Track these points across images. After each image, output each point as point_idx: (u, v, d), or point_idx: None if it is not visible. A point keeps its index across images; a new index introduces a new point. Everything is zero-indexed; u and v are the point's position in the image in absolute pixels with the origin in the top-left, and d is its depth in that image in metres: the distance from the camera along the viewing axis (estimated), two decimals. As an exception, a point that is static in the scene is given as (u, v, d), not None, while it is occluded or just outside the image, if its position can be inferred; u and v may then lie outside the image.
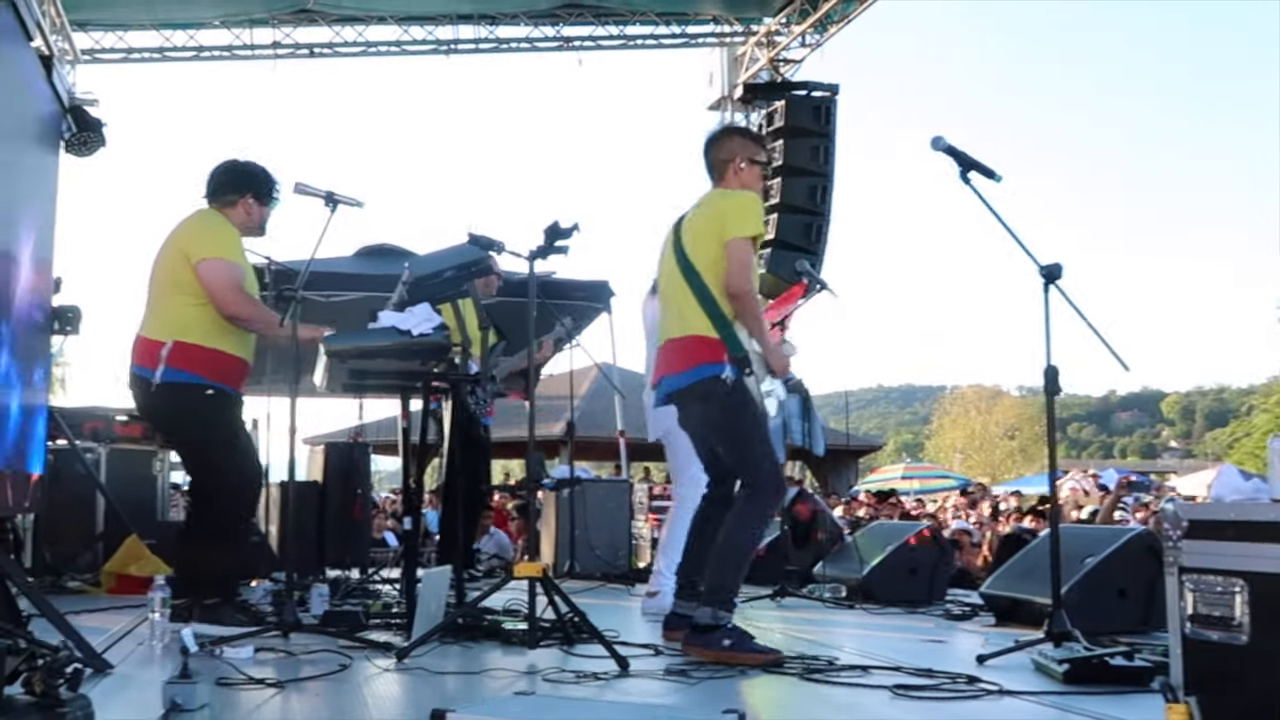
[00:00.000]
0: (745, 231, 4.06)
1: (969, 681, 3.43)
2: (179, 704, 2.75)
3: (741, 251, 4.04)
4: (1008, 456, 51.42)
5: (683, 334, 4.15)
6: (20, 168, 5.72)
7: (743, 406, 4.03)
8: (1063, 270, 4.27)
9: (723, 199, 4.25)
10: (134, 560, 6.09)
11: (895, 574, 6.21)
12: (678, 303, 4.19)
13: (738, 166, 4.30)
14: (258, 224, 4.81)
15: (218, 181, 4.77)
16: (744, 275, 4.03)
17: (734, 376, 4.01)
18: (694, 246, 4.17)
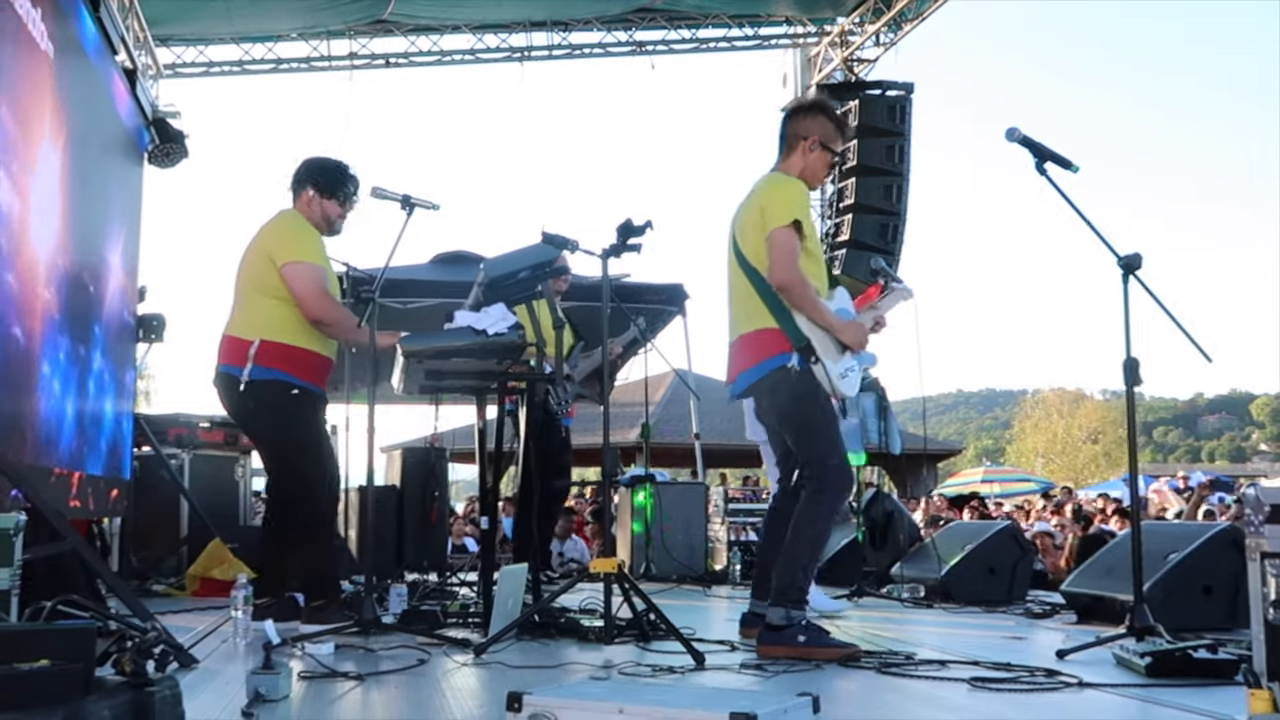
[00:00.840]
0: (784, 219, 3.98)
1: (1048, 675, 3.40)
2: (263, 694, 2.82)
3: (783, 241, 3.97)
4: (1091, 461, 50.40)
5: (749, 329, 4.13)
6: (107, 178, 5.93)
7: (807, 396, 3.97)
8: (1142, 260, 4.19)
9: (768, 185, 4.17)
10: (217, 564, 6.22)
11: (974, 573, 6.14)
12: (740, 296, 4.17)
13: (809, 147, 4.21)
14: (321, 219, 4.87)
15: (292, 178, 4.91)
16: (786, 264, 3.95)
17: (800, 366, 3.95)
18: (744, 239, 4.14)
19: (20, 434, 4.52)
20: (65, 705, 1.53)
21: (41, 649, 1.61)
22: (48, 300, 4.93)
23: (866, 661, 3.70)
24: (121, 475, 6.34)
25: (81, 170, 5.30)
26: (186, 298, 54.16)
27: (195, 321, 7.35)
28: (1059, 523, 11.74)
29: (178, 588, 6.35)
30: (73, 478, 5.25)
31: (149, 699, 1.72)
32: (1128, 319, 4.17)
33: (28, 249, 4.57)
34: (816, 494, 4.01)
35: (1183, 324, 4.14)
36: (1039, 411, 58.21)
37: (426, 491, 7.42)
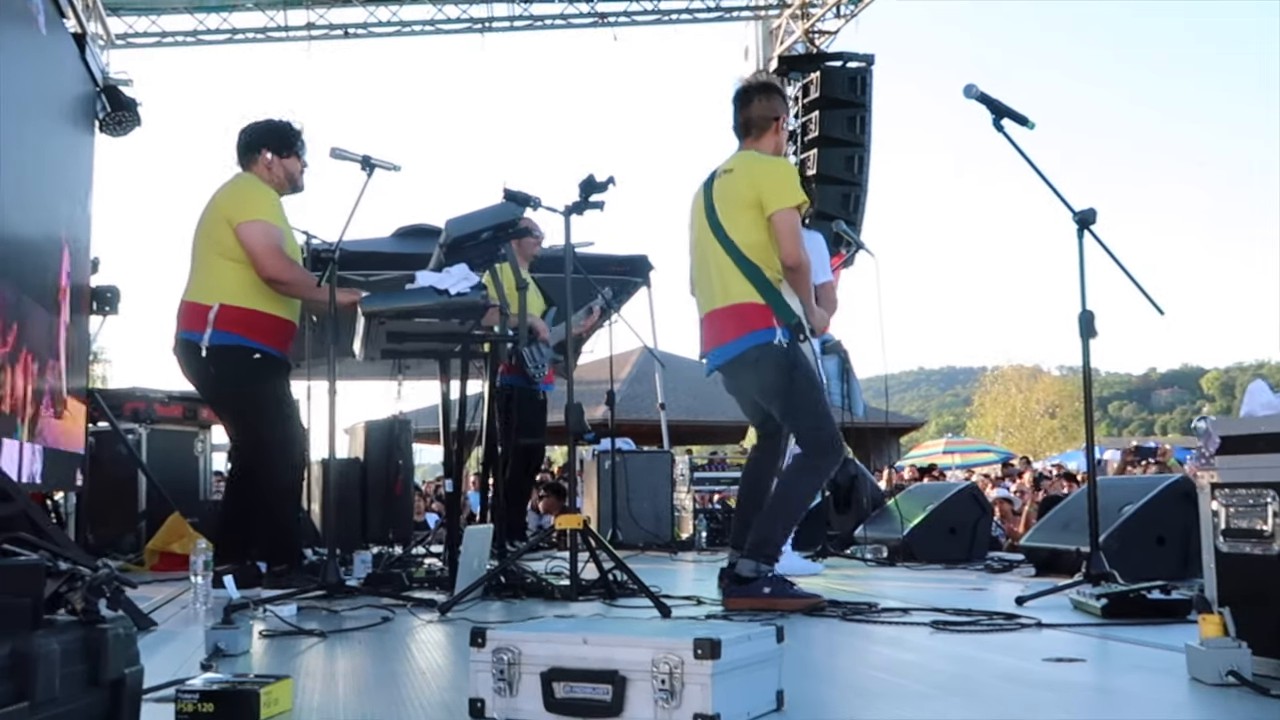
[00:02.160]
0: (789, 201, 4.01)
1: (1007, 618, 3.46)
2: (222, 649, 2.79)
3: (791, 223, 3.99)
4: (1048, 434, 51.01)
5: (727, 303, 4.10)
6: (56, 145, 5.84)
7: (798, 368, 3.99)
8: (1096, 216, 4.25)
9: (757, 164, 4.17)
10: (177, 538, 6.14)
11: (935, 533, 6.23)
12: (719, 271, 4.13)
13: (780, 126, 4.27)
14: (283, 179, 4.83)
15: (239, 144, 4.86)
16: (797, 246, 3.98)
17: (787, 340, 3.98)
18: (727, 212, 4.11)
19: None
20: (12, 640, 1.51)
21: (-14, 586, 1.58)
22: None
23: (831, 611, 3.75)
24: (75, 450, 6.26)
25: (29, 137, 5.22)
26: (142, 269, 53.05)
27: (151, 294, 7.27)
28: (1018, 489, 11.89)
29: (136, 563, 6.26)
30: (22, 450, 5.20)
31: (101, 635, 1.70)
32: (1083, 273, 4.23)
33: None
34: (809, 460, 4.05)
35: (1135, 277, 4.20)
36: (998, 387, 58.75)
37: (390, 463, 7.40)
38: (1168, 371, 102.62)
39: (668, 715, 1.84)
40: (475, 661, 2.00)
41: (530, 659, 1.96)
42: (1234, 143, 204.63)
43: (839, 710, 2.17)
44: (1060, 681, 2.44)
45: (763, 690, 2.02)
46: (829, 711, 2.14)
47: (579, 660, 1.92)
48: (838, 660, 2.93)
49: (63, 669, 1.58)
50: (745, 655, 1.94)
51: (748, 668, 1.95)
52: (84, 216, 6.48)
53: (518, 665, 1.96)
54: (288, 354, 4.81)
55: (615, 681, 1.87)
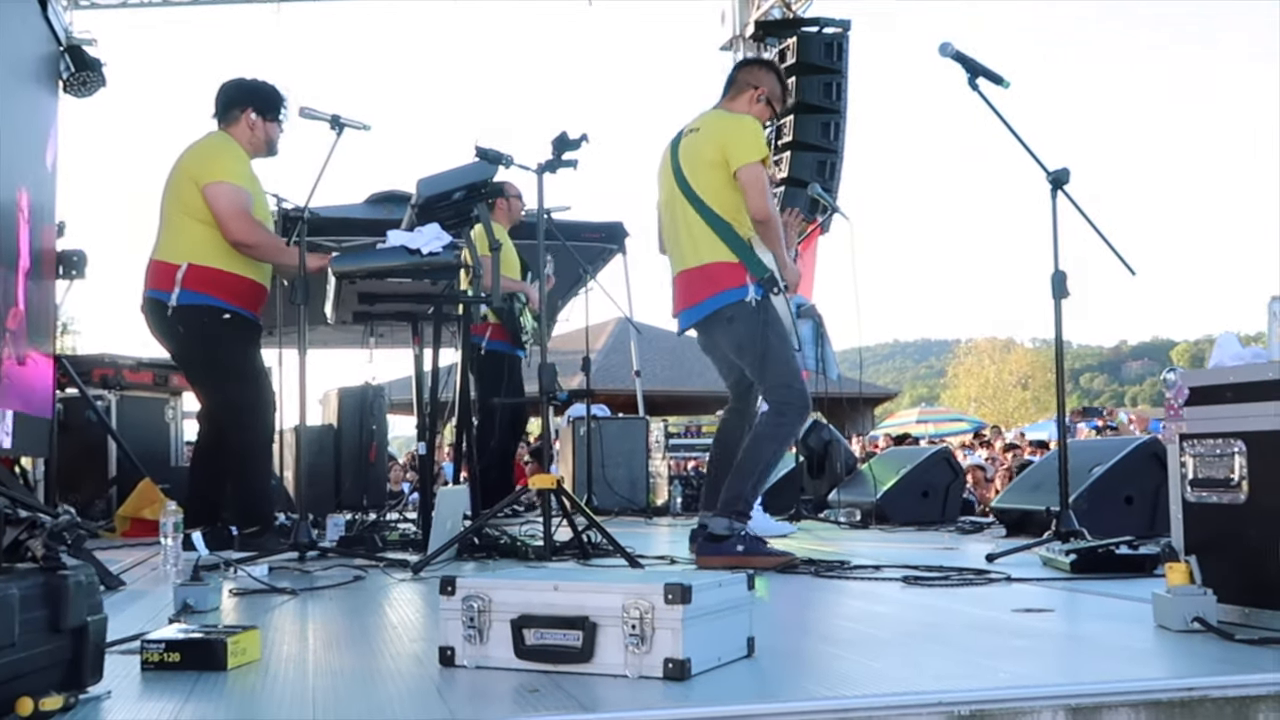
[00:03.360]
0: (753, 156, 4.03)
1: (978, 574, 3.49)
2: (191, 605, 2.77)
3: (756, 177, 4.02)
4: (1020, 405, 51.40)
5: (699, 262, 4.11)
6: (16, 105, 5.74)
7: (768, 325, 4.00)
8: (1069, 175, 4.26)
9: (721, 122, 4.20)
10: (148, 504, 6.09)
11: (908, 496, 6.27)
12: (688, 231, 4.14)
13: (756, 97, 4.29)
14: (263, 142, 4.75)
15: (221, 99, 4.76)
16: (765, 199, 4.01)
17: (759, 296, 4.00)
18: (694, 172, 4.12)
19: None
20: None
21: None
22: None
23: (803, 569, 3.77)
24: (43, 415, 6.19)
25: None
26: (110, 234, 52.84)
27: (119, 259, 7.19)
28: (989, 456, 11.97)
29: (107, 530, 6.22)
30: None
31: (62, 582, 1.68)
32: (1056, 233, 4.24)
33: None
34: (777, 417, 4.04)
35: (1106, 236, 4.22)
36: (971, 359, 59.14)
37: (364, 429, 7.37)
38: (1138, 344, 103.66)
39: (638, 660, 1.83)
40: (445, 610, 2.00)
41: (500, 606, 1.95)
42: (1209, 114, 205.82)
43: (811, 658, 2.18)
44: (1029, 629, 2.45)
45: (734, 636, 2.03)
46: (800, 659, 2.15)
47: (549, 607, 1.92)
48: (810, 613, 2.95)
49: (23, 614, 1.56)
50: (716, 601, 1.94)
51: (718, 613, 1.95)
52: (47, 178, 6.39)
53: (488, 613, 1.96)
54: (259, 316, 4.76)
55: (586, 627, 1.87)
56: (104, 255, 7.81)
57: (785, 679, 1.95)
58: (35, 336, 6.00)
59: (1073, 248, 4.29)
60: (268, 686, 1.89)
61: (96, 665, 1.76)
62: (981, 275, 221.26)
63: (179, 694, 1.79)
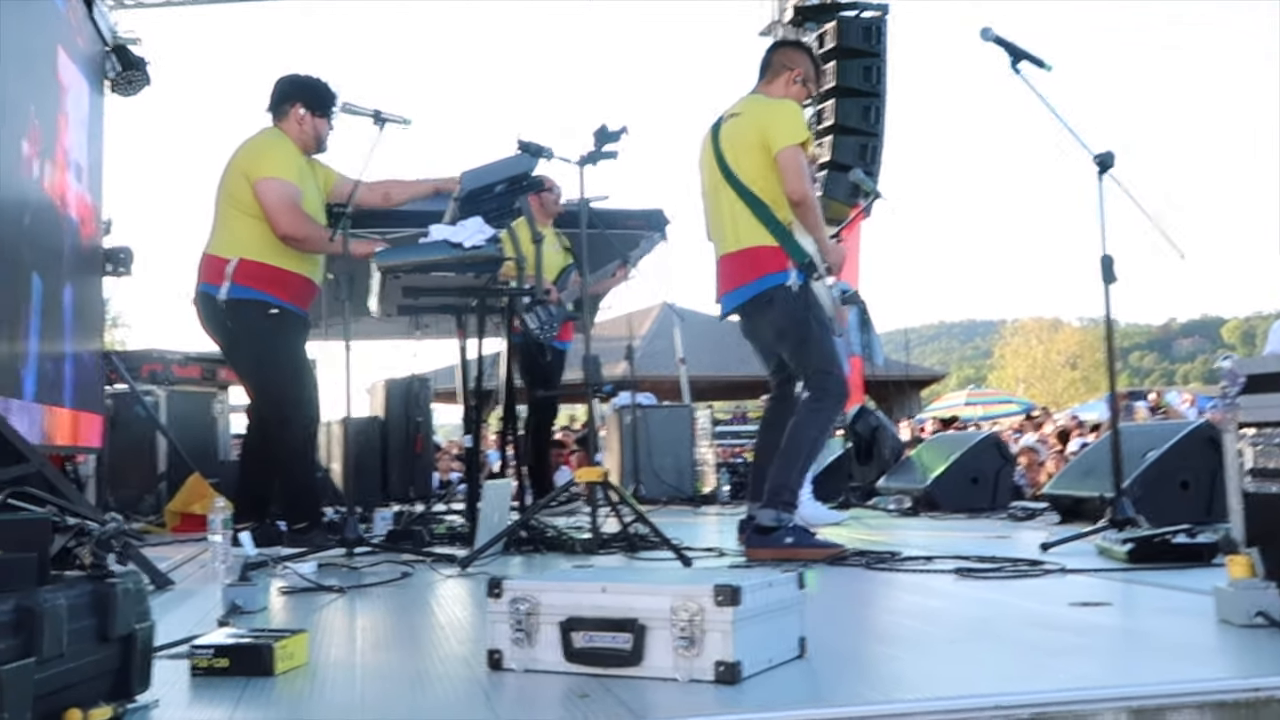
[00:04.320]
0: (793, 139, 4.02)
1: (1032, 564, 3.42)
2: (239, 606, 2.79)
3: (795, 159, 4.00)
4: (1069, 385, 50.78)
5: (739, 247, 4.11)
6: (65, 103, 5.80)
7: (808, 309, 4.01)
8: (1114, 158, 4.18)
9: (761, 106, 4.19)
10: (197, 499, 6.13)
11: (958, 483, 6.20)
12: (730, 214, 4.14)
13: (793, 79, 4.28)
14: (312, 137, 4.80)
15: (274, 94, 4.82)
16: (802, 181, 4.00)
17: (800, 281, 3.99)
18: (736, 157, 4.12)
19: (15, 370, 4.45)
20: (17, 595, 1.49)
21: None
22: (12, 233, 4.85)
23: (853, 561, 3.73)
24: (93, 411, 6.27)
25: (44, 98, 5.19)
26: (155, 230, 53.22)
27: (164, 254, 7.26)
28: (1039, 438, 11.81)
29: (157, 525, 6.27)
30: (40, 412, 5.20)
31: (110, 590, 1.67)
32: (1102, 216, 4.15)
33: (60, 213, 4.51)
34: (816, 403, 4.01)
35: (1155, 218, 4.13)
36: (1018, 339, 58.56)
37: (410, 421, 7.40)
38: (1188, 321, 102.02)
39: (688, 663, 1.81)
40: (492, 612, 1.98)
41: (548, 609, 1.93)
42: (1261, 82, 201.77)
43: (864, 657, 2.14)
44: (1087, 625, 2.40)
45: (785, 637, 1.99)
46: (853, 659, 2.11)
47: (597, 609, 1.90)
48: (861, 608, 2.91)
49: (70, 624, 1.56)
50: (766, 602, 1.91)
51: (769, 614, 1.92)
52: (97, 177, 6.46)
53: (536, 615, 1.94)
54: (308, 312, 4.79)
55: (635, 630, 1.85)
56: (150, 252, 7.91)
57: (838, 681, 1.91)
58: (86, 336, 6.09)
59: (1119, 225, 4.20)
60: (316, 692, 1.88)
61: (144, 674, 1.76)
62: (1026, 255, 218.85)
63: (228, 701, 1.79)
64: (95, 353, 6.38)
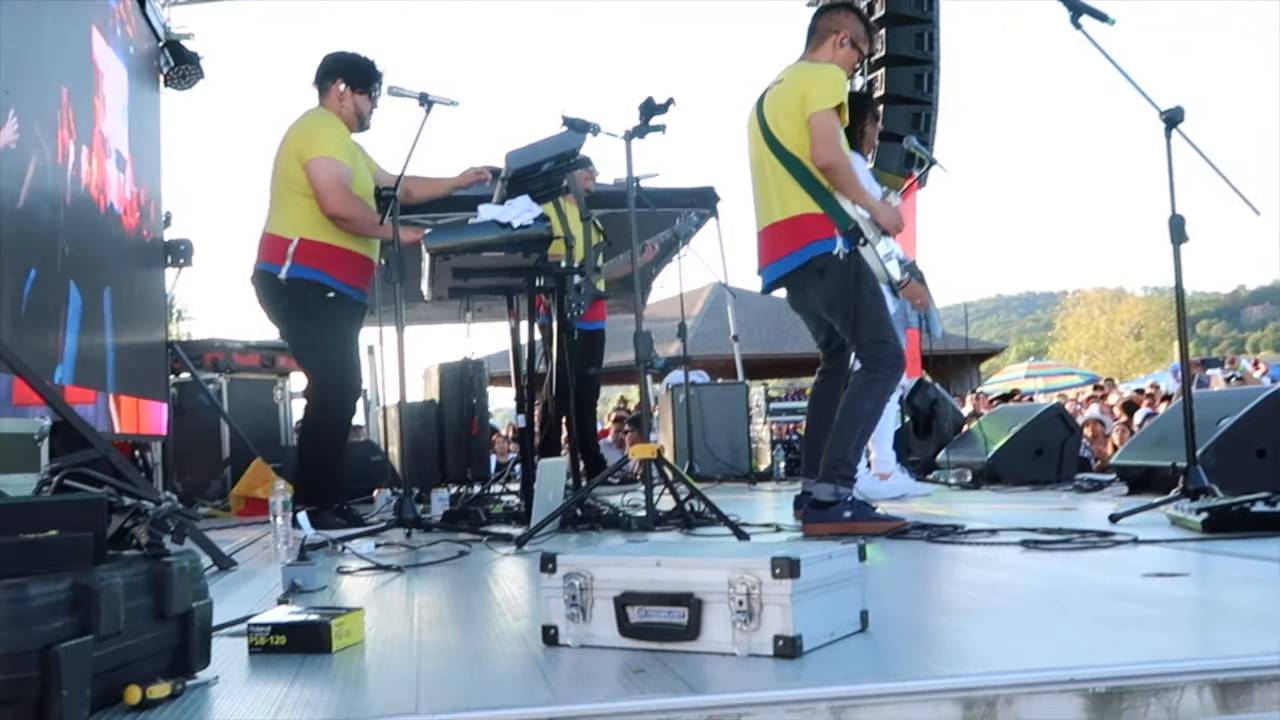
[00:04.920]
0: (828, 103, 3.93)
1: (1101, 536, 3.33)
2: (299, 585, 2.79)
3: (825, 124, 3.92)
4: (1134, 356, 49.91)
5: (785, 215, 4.05)
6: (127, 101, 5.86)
7: (859, 279, 3.92)
8: (1184, 114, 4.04)
9: (804, 72, 4.12)
10: (260, 483, 6.19)
11: (1021, 455, 6.08)
12: (775, 184, 4.08)
13: (839, 42, 4.19)
14: (353, 114, 4.84)
15: (318, 71, 4.87)
16: (829, 147, 3.91)
17: (847, 249, 3.91)
18: (778, 124, 4.06)
19: (53, 358, 4.52)
20: (74, 574, 1.48)
21: (51, 520, 1.55)
22: (78, 225, 4.91)
23: (915, 534, 3.65)
24: (158, 399, 6.35)
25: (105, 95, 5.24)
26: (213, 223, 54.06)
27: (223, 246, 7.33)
28: (1104, 410, 11.60)
29: (222, 509, 6.38)
30: (108, 400, 5.27)
31: (166, 569, 1.67)
32: (1171, 176, 4.03)
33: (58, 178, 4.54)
34: (871, 374, 3.95)
35: (1227, 176, 4.00)
36: (1080, 309, 57.64)
37: (465, 403, 7.41)
38: (1257, 288, 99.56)
39: (746, 638, 1.76)
40: (546, 588, 1.95)
41: (603, 584, 1.89)
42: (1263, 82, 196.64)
43: (928, 630, 2.08)
44: (1162, 596, 2.31)
45: (846, 610, 1.94)
46: (917, 632, 2.05)
47: (652, 584, 1.86)
48: (925, 581, 2.84)
49: (127, 602, 1.55)
50: (826, 575, 1.86)
51: (829, 587, 1.87)
52: (154, 171, 6.53)
53: (590, 590, 1.90)
54: (366, 291, 4.81)
55: (691, 604, 1.80)
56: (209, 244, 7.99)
57: (902, 655, 1.86)
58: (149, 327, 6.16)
59: (1182, 192, 4.07)
60: (372, 669, 1.86)
61: (203, 651, 1.76)
62: (1087, 224, 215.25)
63: (285, 677, 1.77)
64: (157, 343, 6.47)
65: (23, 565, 1.45)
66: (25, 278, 4.23)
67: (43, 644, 1.38)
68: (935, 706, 1.53)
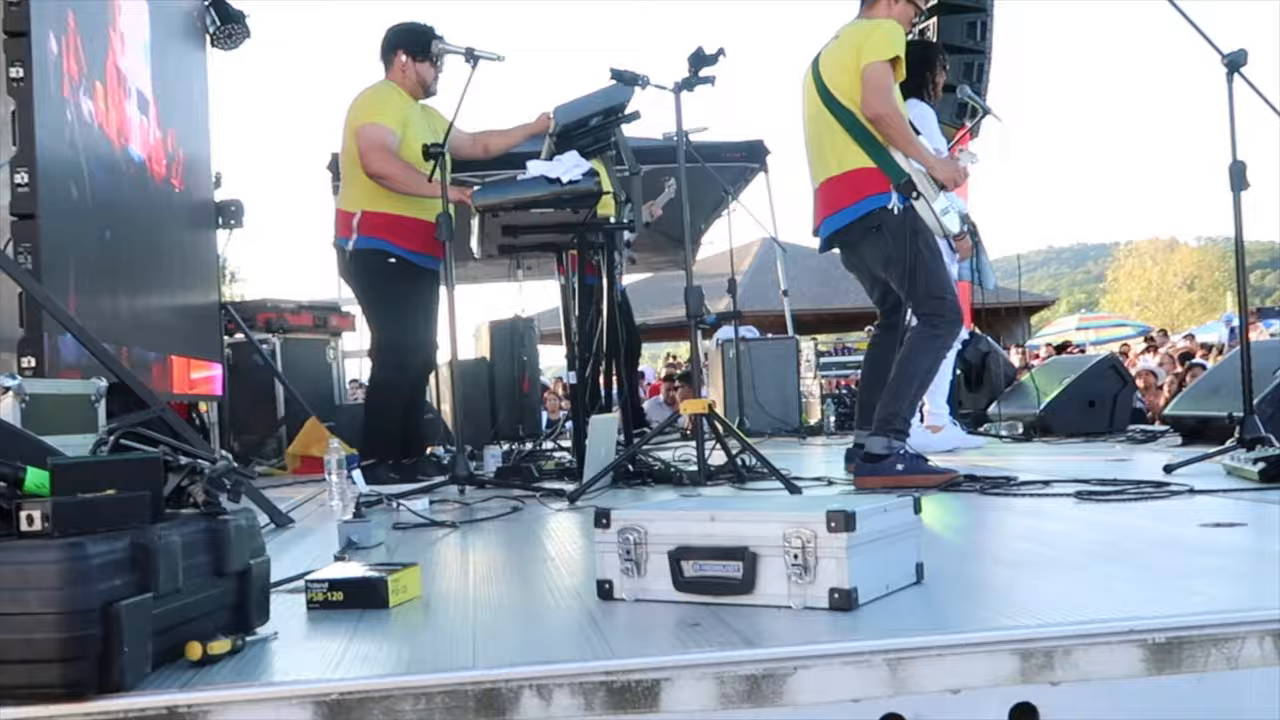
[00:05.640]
0: (882, 55, 3.89)
1: (1156, 486, 3.29)
2: (355, 542, 2.83)
3: (878, 75, 3.87)
4: (1186, 307, 49.04)
5: (840, 170, 4.03)
6: (174, 61, 5.87)
7: (915, 235, 3.87)
8: (1247, 57, 3.94)
9: (860, 27, 4.08)
10: (315, 441, 6.28)
11: (1073, 406, 6.02)
12: (830, 139, 4.05)
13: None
14: (417, 82, 4.90)
15: (381, 46, 4.93)
16: (880, 98, 3.86)
17: (901, 204, 3.87)
18: (833, 79, 4.02)
19: (111, 318, 4.58)
20: (133, 532, 1.50)
21: (109, 479, 1.57)
22: (131, 189, 4.95)
23: (968, 486, 3.64)
24: (213, 360, 6.43)
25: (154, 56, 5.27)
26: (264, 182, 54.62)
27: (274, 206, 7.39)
28: (1158, 361, 11.43)
29: (279, 468, 6.48)
30: (165, 361, 5.34)
31: (223, 527, 1.69)
32: (1233, 120, 3.94)
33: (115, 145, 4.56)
34: (930, 329, 3.92)
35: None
36: (1132, 261, 56.70)
37: (515, 361, 7.45)
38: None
39: (801, 591, 1.77)
40: (601, 543, 1.96)
41: (657, 538, 1.90)
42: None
43: (984, 581, 2.07)
44: (1220, 546, 2.29)
45: (902, 563, 1.94)
46: (973, 584, 2.04)
47: (707, 538, 1.86)
48: (978, 533, 2.83)
49: (186, 560, 1.58)
50: (881, 527, 1.85)
51: (885, 540, 1.86)
52: (203, 131, 6.56)
53: (644, 545, 1.91)
54: (437, 258, 4.84)
55: (745, 558, 1.81)
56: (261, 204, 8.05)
57: (959, 607, 1.85)
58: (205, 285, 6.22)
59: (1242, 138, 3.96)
60: (429, 624, 1.88)
61: (262, 607, 1.78)
62: (1140, 174, 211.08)
63: (343, 633, 1.80)
64: (211, 304, 6.55)
65: (81, 524, 1.47)
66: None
67: (103, 601, 1.40)
68: (992, 658, 1.52)
